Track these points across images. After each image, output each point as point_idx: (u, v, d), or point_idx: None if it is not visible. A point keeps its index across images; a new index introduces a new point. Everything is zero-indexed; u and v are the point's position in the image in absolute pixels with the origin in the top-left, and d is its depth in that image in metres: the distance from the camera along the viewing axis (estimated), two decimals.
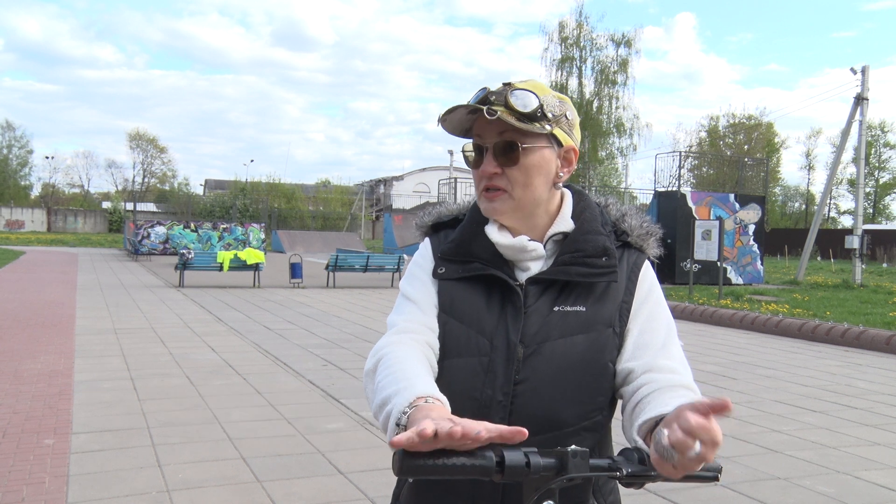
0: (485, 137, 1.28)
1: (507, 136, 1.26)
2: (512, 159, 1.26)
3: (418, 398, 1.05)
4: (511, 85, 1.27)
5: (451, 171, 39.72)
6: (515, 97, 1.25)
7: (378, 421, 1.13)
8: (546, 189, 1.32)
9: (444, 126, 1.31)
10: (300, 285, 17.69)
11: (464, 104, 1.27)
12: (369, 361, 1.24)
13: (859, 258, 20.90)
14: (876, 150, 60.52)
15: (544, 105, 1.27)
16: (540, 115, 1.26)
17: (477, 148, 1.30)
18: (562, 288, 1.29)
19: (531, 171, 1.28)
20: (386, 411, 1.08)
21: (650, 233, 1.37)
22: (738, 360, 8.78)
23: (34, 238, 43.82)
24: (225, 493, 3.95)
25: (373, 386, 1.18)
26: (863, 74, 21.20)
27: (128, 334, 9.46)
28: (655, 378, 1.21)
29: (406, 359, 1.18)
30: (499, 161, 1.27)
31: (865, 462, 4.82)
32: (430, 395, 1.06)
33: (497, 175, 1.27)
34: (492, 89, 1.28)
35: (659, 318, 1.31)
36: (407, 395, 1.06)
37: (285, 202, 57.27)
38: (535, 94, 1.26)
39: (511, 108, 1.24)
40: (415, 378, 1.11)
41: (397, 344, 1.23)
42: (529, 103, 1.25)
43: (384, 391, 1.12)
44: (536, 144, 1.27)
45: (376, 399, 1.14)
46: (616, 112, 38.27)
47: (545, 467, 0.99)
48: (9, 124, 69.87)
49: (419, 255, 1.41)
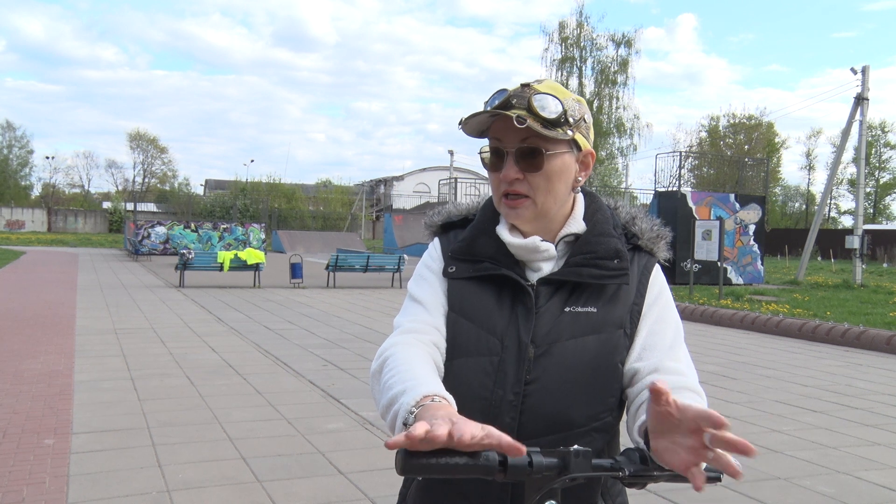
0: (505, 141, 1.26)
1: (530, 141, 1.24)
2: (535, 165, 1.25)
3: (425, 397, 1.05)
4: (530, 87, 1.25)
5: (452, 171, 39.74)
6: (539, 102, 1.23)
7: (385, 421, 1.12)
8: (566, 194, 1.32)
9: (464, 129, 1.29)
10: (300, 285, 17.69)
11: (488, 110, 1.25)
12: (375, 362, 1.24)
13: (859, 258, 20.90)
14: (876, 150, 60.52)
15: (567, 110, 1.26)
16: (563, 121, 1.25)
17: (496, 151, 1.28)
18: (573, 289, 1.29)
19: (553, 177, 1.27)
20: (393, 411, 1.08)
21: (660, 236, 1.37)
22: (738, 360, 8.78)
23: (34, 238, 43.82)
24: (225, 494, 3.95)
25: (379, 386, 1.18)
26: (863, 74, 21.21)
27: (128, 334, 9.46)
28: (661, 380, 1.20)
29: (412, 358, 1.18)
30: (520, 166, 1.25)
31: (865, 462, 4.81)
32: (437, 394, 1.06)
33: (518, 181, 1.26)
34: (510, 91, 1.26)
35: (667, 320, 1.31)
36: (414, 395, 1.06)
37: (286, 202, 57.25)
38: (558, 99, 1.25)
39: (536, 114, 1.22)
40: (421, 377, 1.11)
41: (403, 344, 1.23)
42: (554, 109, 1.24)
43: (390, 391, 1.12)
44: (559, 150, 1.27)
45: (383, 399, 1.14)
46: (616, 112, 38.31)
47: (548, 467, 0.99)
48: (9, 124, 69.87)
49: (428, 255, 1.40)
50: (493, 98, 1.28)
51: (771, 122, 53.53)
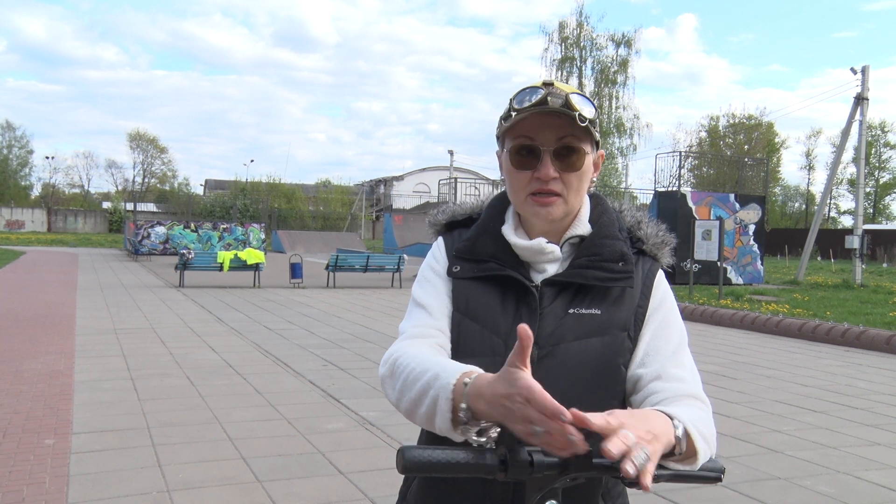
0: (540, 140, 1.25)
1: (568, 140, 1.24)
2: (573, 164, 1.26)
3: (464, 374, 1.05)
4: (554, 86, 1.23)
5: (452, 171, 39.73)
6: (578, 102, 1.22)
7: (414, 416, 1.12)
8: (585, 194, 1.33)
9: (502, 125, 1.28)
10: (300, 285, 17.69)
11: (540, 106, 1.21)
12: (383, 367, 1.24)
13: (859, 258, 20.90)
14: (876, 150, 60.51)
15: (597, 110, 1.28)
16: (595, 121, 1.27)
17: (527, 149, 1.26)
18: (577, 291, 1.29)
19: (584, 176, 1.28)
20: (431, 396, 1.08)
21: (665, 242, 1.37)
22: (738, 360, 8.78)
23: (34, 238, 43.81)
24: (225, 494, 3.95)
25: (398, 385, 1.17)
26: (863, 74, 21.21)
27: (128, 334, 9.46)
28: (663, 388, 1.21)
29: (426, 353, 1.19)
30: (557, 165, 1.25)
31: (865, 462, 4.82)
32: (473, 371, 1.06)
33: (554, 180, 1.26)
34: (545, 89, 1.23)
35: (671, 325, 1.31)
36: (451, 375, 1.06)
37: (285, 202, 57.27)
38: (589, 100, 1.26)
39: (579, 114, 1.22)
40: (446, 362, 1.11)
41: (410, 346, 1.24)
42: (591, 109, 1.25)
43: (418, 381, 1.11)
44: (589, 150, 1.28)
45: (410, 392, 1.13)
46: (616, 112, 38.30)
47: (549, 466, 0.99)
48: (9, 124, 69.79)
49: (431, 255, 1.40)
50: (524, 95, 1.25)
51: (771, 122, 53.53)
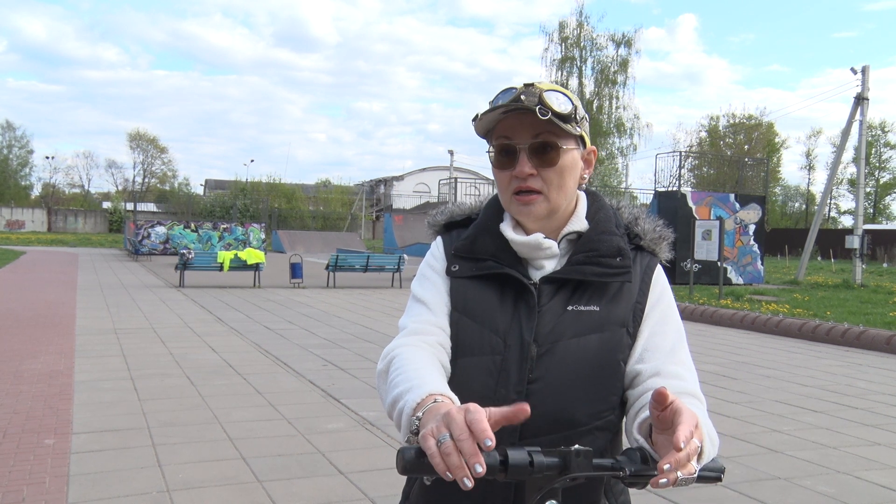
0: (517, 138, 1.26)
1: (543, 137, 1.25)
2: (549, 161, 1.26)
3: (429, 395, 1.06)
4: (534, 86, 1.25)
5: (452, 171, 39.72)
6: (551, 97, 1.24)
7: (392, 419, 1.14)
8: (574, 190, 1.33)
9: (476, 126, 1.29)
10: (300, 285, 17.69)
11: (508, 104, 1.24)
12: (381, 363, 1.25)
13: (859, 258, 20.90)
14: (876, 150, 60.50)
15: (576, 107, 1.28)
16: (573, 117, 1.26)
17: (505, 149, 1.28)
18: (575, 287, 1.29)
19: (565, 172, 1.28)
20: (398, 408, 1.10)
21: (663, 237, 1.38)
22: (738, 360, 8.78)
23: (34, 238, 43.81)
24: (225, 494, 3.95)
25: (385, 385, 1.19)
26: (863, 74, 21.21)
27: (128, 334, 9.46)
28: (660, 384, 1.21)
29: (418, 359, 1.19)
30: (534, 162, 1.26)
31: (865, 462, 4.81)
32: (442, 394, 1.07)
33: (532, 176, 1.26)
34: (518, 88, 1.25)
35: (669, 321, 1.31)
36: (419, 392, 1.07)
37: (286, 202, 57.26)
38: (566, 95, 1.26)
39: (551, 109, 1.23)
40: (426, 377, 1.12)
41: (408, 346, 1.24)
42: (566, 104, 1.25)
43: (396, 389, 1.13)
44: (570, 146, 1.28)
45: (388, 397, 1.15)
46: (616, 112, 38.36)
47: (549, 466, 0.99)
48: (9, 124, 69.73)
49: (431, 254, 1.41)
50: (499, 97, 1.27)
51: (771, 122, 53.56)
